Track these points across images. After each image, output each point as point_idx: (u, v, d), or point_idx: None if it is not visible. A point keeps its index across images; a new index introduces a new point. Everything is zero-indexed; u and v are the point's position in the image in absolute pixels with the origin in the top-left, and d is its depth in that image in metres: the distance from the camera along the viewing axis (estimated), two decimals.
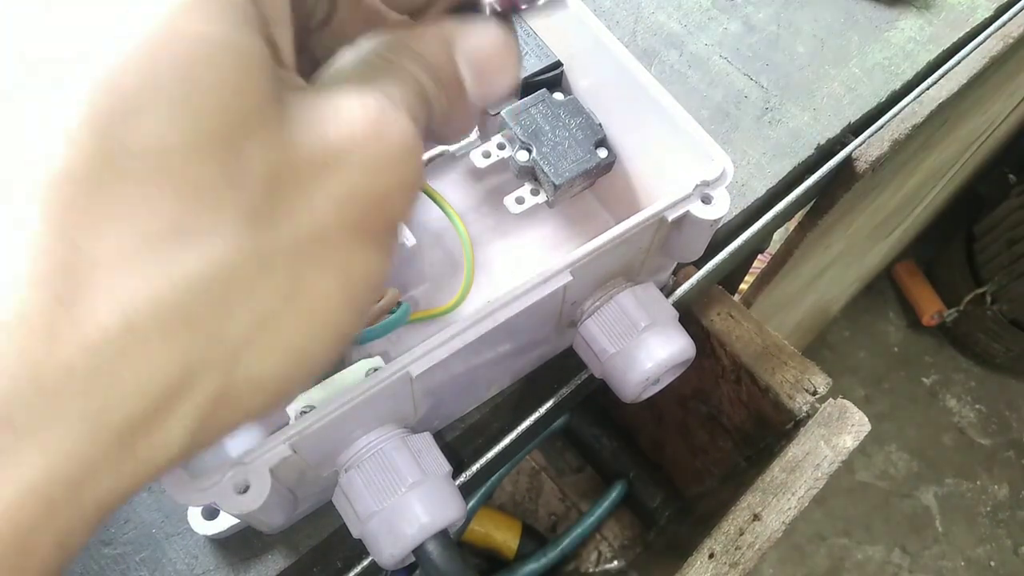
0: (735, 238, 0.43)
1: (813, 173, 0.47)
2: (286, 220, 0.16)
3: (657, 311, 0.33)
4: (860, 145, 0.48)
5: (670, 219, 0.30)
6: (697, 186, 0.31)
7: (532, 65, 0.37)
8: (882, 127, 0.49)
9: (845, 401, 0.46)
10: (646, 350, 0.32)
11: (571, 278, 0.29)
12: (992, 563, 1.36)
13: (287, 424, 0.27)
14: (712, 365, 0.51)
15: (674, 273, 0.42)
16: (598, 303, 0.33)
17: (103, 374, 0.13)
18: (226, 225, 0.14)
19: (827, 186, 0.51)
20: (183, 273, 0.14)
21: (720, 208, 0.30)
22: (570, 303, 0.32)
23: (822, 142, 0.47)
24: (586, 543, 0.76)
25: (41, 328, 0.12)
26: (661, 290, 0.38)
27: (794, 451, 0.44)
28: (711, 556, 0.42)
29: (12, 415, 0.12)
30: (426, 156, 0.36)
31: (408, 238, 0.35)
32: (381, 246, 0.18)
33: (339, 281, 0.17)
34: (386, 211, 0.18)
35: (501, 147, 0.36)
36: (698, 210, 0.30)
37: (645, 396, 0.34)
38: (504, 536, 0.73)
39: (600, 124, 0.37)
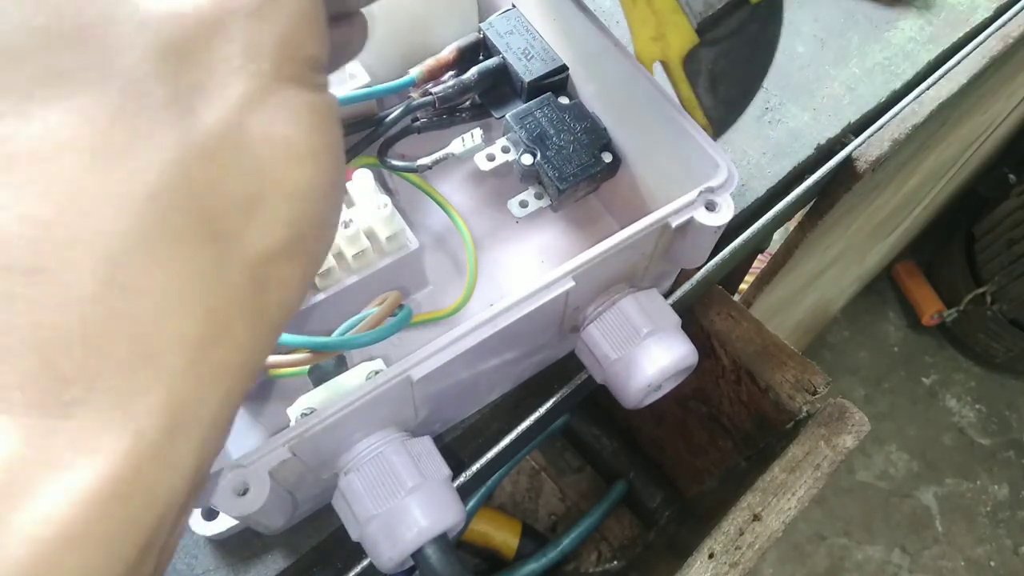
0: (735, 238, 0.43)
1: (813, 173, 0.47)
2: (203, 104, 0.15)
3: (660, 317, 0.33)
4: (860, 145, 0.48)
5: (674, 225, 0.30)
6: (701, 192, 0.30)
7: (537, 68, 0.37)
8: (882, 127, 0.49)
9: (845, 401, 0.46)
10: (648, 357, 0.32)
11: (574, 283, 0.29)
12: (992, 563, 1.36)
13: (287, 426, 0.27)
14: (712, 365, 0.51)
15: None
16: (601, 309, 0.33)
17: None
18: (148, 138, 0.14)
19: (827, 186, 0.51)
20: (136, 192, 0.14)
21: (724, 215, 0.30)
22: (572, 308, 0.32)
23: (822, 142, 0.47)
24: (586, 543, 0.76)
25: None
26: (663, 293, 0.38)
27: (794, 451, 0.44)
28: (711, 556, 0.42)
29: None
30: (431, 159, 0.36)
31: (411, 241, 0.35)
32: (311, 84, 0.17)
33: (292, 123, 0.16)
34: (295, 46, 0.16)
35: (505, 150, 0.36)
36: (702, 216, 0.30)
37: (647, 402, 0.34)
38: (504, 536, 0.73)
39: (605, 128, 0.37)
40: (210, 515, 0.32)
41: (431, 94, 0.37)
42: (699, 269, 0.43)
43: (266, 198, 0.15)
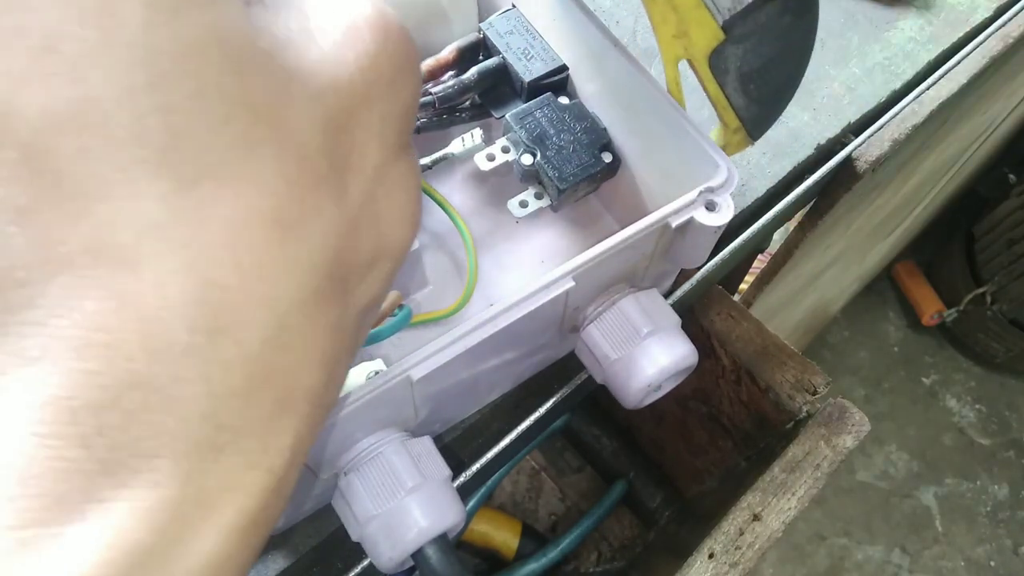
0: (735, 238, 0.43)
1: (813, 173, 0.47)
2: (350, 174, 0.16)
3: (660, 317, 0.33)
4: (860, 145, 0.48)
5: (674, 225, 0.30)
6: (701, 192, 0.30)
7: (538, 68, 0.37)
8: (882, 127, 0.49)
9: (845, 401, 0.46)
10: (648, 357, 0.32)
11: (573, 283, 0.29)
12: (992, 563, 1.36)
13: None
14: (712, 365, 0.51)
15: None
16: (601, 309, 0.33)
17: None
18: (315, 209, 0.15)
19: (827, 186, 0.51)
20: (304, 261, 0.15)
21: (724, 215, 0.30)
22: (572, 308, 0.32)
23: (822, 142, 0.47)
24: (586, 543, 0.76)
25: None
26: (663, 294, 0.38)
27: (794, 451, 0.44)
28: (711, 556, 0.42)
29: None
30: (431, 159, 0.36)
31: None
32: (412, 148, 0.18)
33: (406, 190, 0.17)
34: (411, 118, 0.17)
35: (505, 150, 0.36)
36: (702, 216, 0.30)
37: (647, 403, 0.34)
38: (504, 536, 0.73)
39: (605, 128, 0.37)
40: None
41: (431, 94, 0.37)
42: (699, 269, 0.43)
43: (380, 259, 0.17)
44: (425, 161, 0.36)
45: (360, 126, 0.16)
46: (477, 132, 0.37)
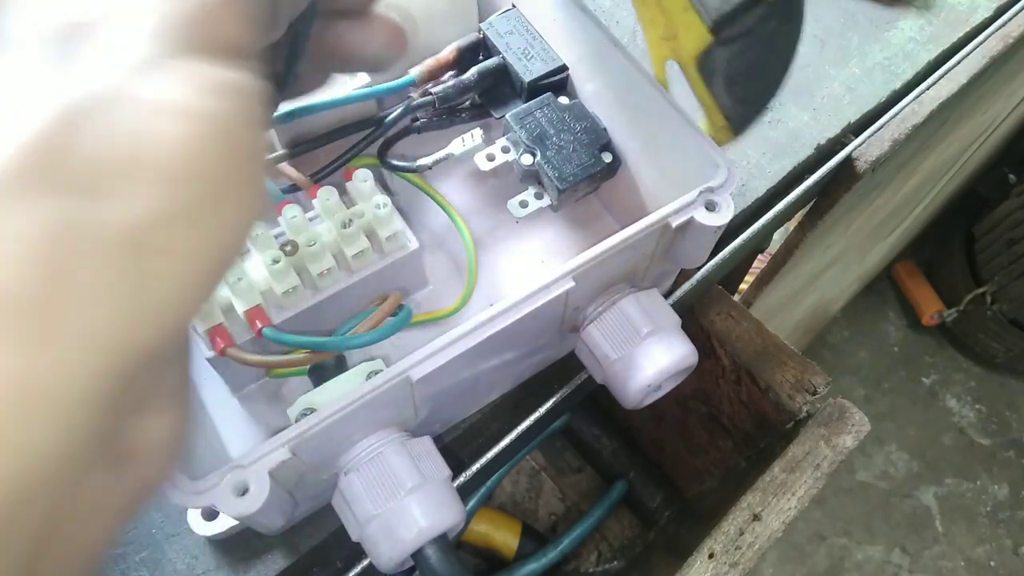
0: (735, 238, 0.43)
1: (813, 173, 0.47)
2: (87, 66, 0.15)
3: (660, 318, 0.33)
4: (860, 145, 0.48)
5: (674, 225, 0.30)
6: (701, 192, 0.30)
7: (538, 68, 0.37)
8: (882, 127, 0.49)
9: (845, 401, 0.46)
10: (648, 357, 0.32)
11: (573, 284, 0.29)
12: (992, 563, 1.36)
13: (287, 426, 0.27)
14: (712, 365, 0.51)
15: None
16: (601, 309, 0.33)
17: None
18: (21, 91, 0.14)
19: (827, 186, 0.51)
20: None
21: (724, 215, 0.30)
22: (572, 308, 0.32)
23: (822, 142, 0.47)
24: (586, 543, 0.76)
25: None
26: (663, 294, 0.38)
27: (794, 451, 0.44)
28: (711, 556, 0.42)
29: None
30: (431, 159, 0.36)
31: (411, 241, 0.35)
32: (224, 62, 0.16)
33: (186, 87, 0.15)
34: (203, 25, 0.16)
35: (505, 150, 0.36)
36: (702, 216, 0.30)
37: (647, 403, 0.34)
38: (504, 536, 0.73)
39: (605, 128, 0.37)
40: (210, 515, 0.33)
41: (431, 94, 0.37)
42: (699, 269, 0.43)
43: (145, 159, 0.15)
44: (425, 161, 0.36)
45: (110, 22, 0.15)
46: (477, 132, 0.37)
